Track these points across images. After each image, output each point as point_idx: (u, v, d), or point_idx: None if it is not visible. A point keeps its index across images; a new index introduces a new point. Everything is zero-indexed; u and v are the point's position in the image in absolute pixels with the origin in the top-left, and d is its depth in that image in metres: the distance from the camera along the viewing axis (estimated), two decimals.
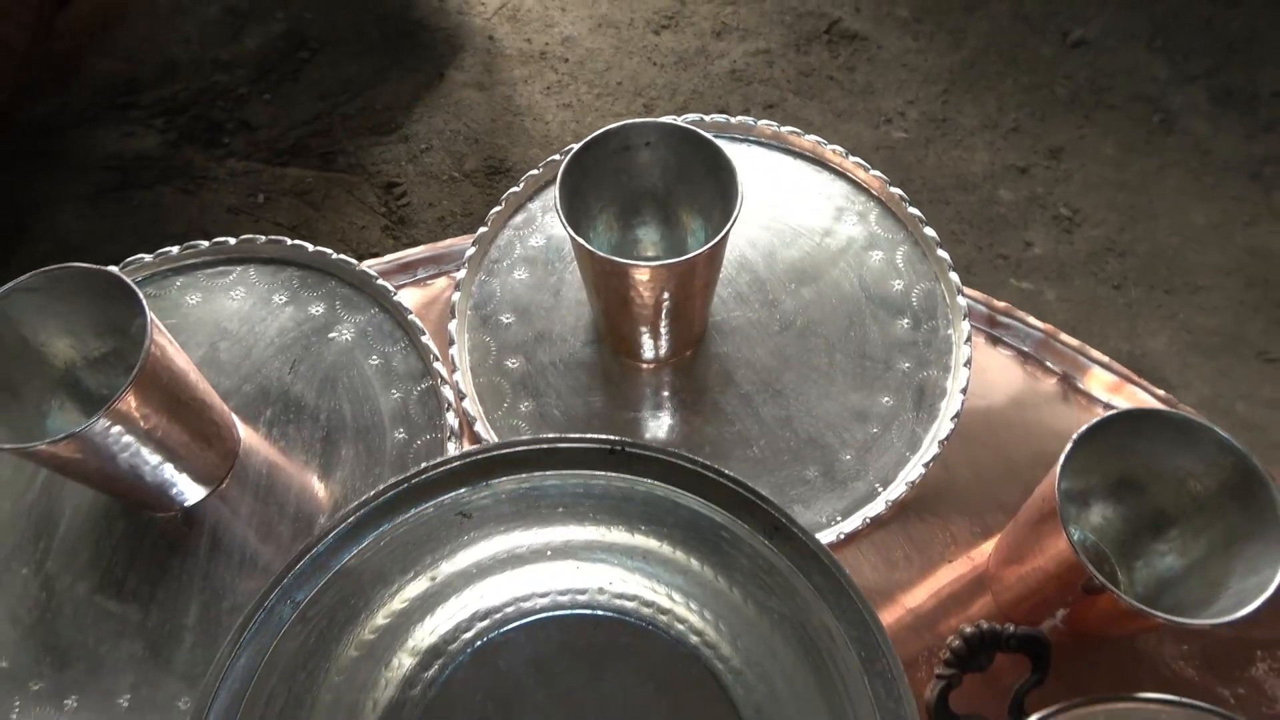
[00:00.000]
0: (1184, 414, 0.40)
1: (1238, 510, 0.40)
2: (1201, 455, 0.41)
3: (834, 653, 0.40)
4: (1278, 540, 0.38)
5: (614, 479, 0.43)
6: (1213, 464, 0.40)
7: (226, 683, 0.38)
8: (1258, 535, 0.39)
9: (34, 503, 0.51)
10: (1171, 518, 0.43)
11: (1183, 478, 0.42)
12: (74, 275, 0.44)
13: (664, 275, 0.46)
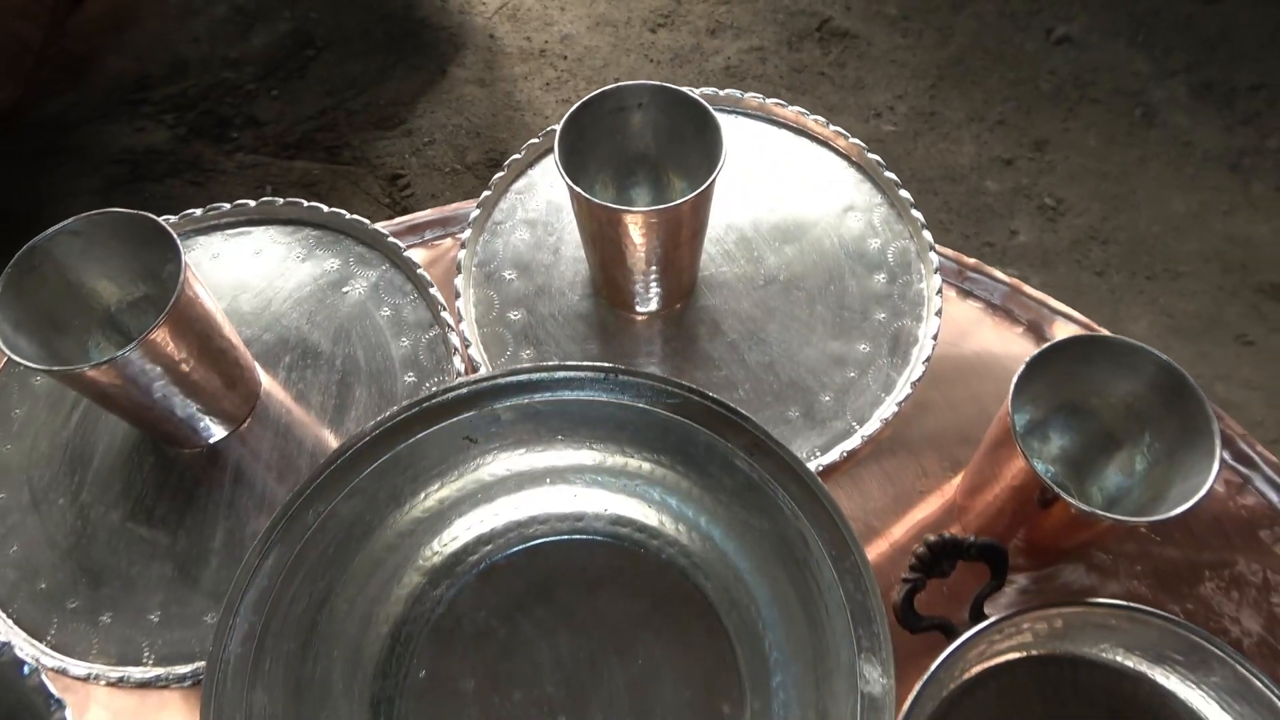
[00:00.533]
0: (1125, 339, 0.44)
1: (1176, 425, 0.44)
2: (1143, 376, 0.44)
3: (809, 559, 0.43)
4: (1208, 450, 0.41)
5: (609, 405, 0.46)
6: (1153, 384, 0.44)
7: (256, 580, 0.41)
8: (1193, 445, 0.42)
9: (69, 440, 0.55)
10: (1119, 439, 0.47)
11: (1128, 400, 0.46)
12: (115, 219, 0.47)
13: (653, 221, 0.50)
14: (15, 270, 0.46)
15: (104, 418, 0.56)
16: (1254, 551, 0.52)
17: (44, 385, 0.57)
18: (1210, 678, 0.45)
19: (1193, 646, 0.45)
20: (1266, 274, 1.44)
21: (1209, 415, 0.42)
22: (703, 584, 0.50)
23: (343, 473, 0.44)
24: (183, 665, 0.48)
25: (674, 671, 0.48)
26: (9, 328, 0.45)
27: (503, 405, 0.46)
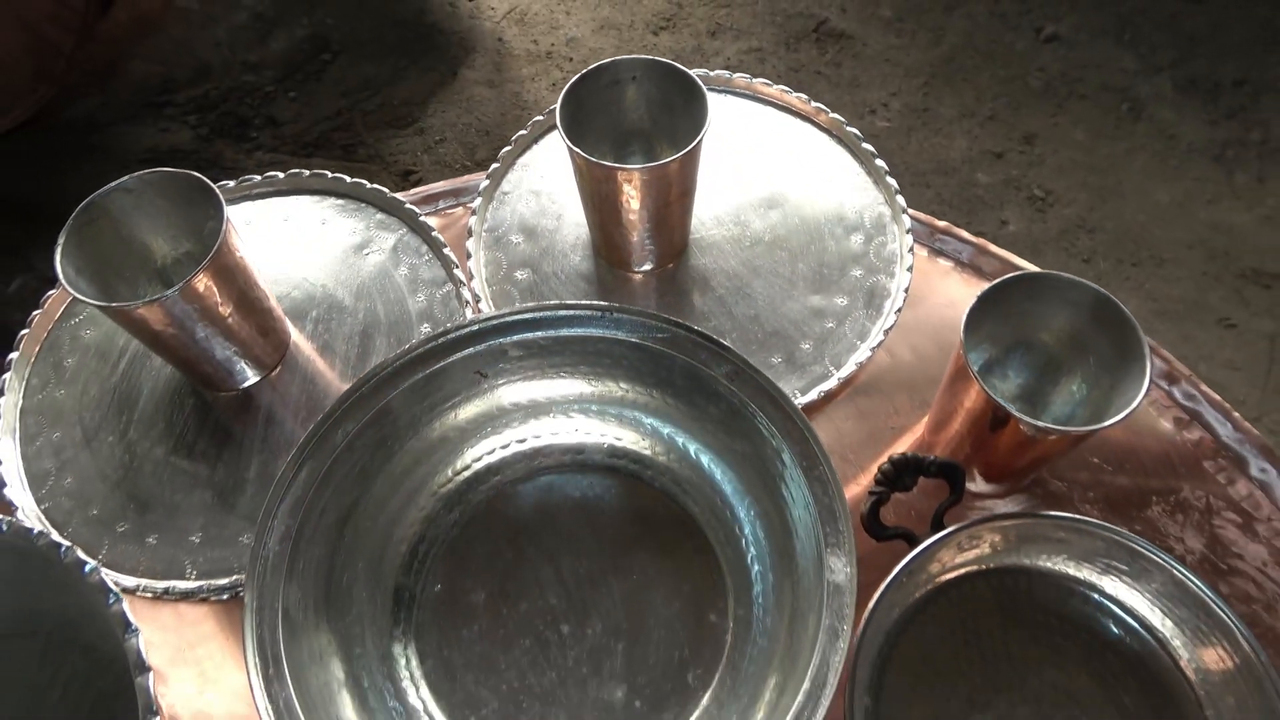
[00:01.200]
0: (1066, 275, 0.49)
1: (1113, 352, 0.48)
2: (1083, 309, 0.49)
3: (784, 475, 0.48)
4: (1141, 371, 0.46)
5: (604, 340, 0.51)
6: (1093, 316, 0.49)
7: (291, 489, 0.46)
8: (1128, 369, 0.47)
9: (116, 385, 0.60)
10: (1066, 369, 0.52)
11: (1071, 332, 0.50)
12: (164, 178, 0.53)
13: (644, 179, 0.55)
14: (75, 223, 0.51)
15: (148, 365, 0.61)
16: (1198, 480, 0.57)
17: (93, 337, 0.62)
18: (1151, 585, 0.50)
19: (1134, 555, 0.50)
20: (1249, 260, 1.48)
21: (1141, 340, 0.47)
22: (691, 508, 0.55)
23: (367, 399, 0.49)
24: (221, 578, 0.53)
25: (665, 586, 0.53)
26: (72, 272, 0.50)
27: (509, 341, 0.51)
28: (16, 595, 0.50)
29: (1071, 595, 0.52)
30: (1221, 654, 0.48)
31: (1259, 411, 1.34)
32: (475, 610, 0.52)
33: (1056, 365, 0.52)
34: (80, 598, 0.47)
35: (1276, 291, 1.44)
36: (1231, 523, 0.55)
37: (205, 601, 0.54)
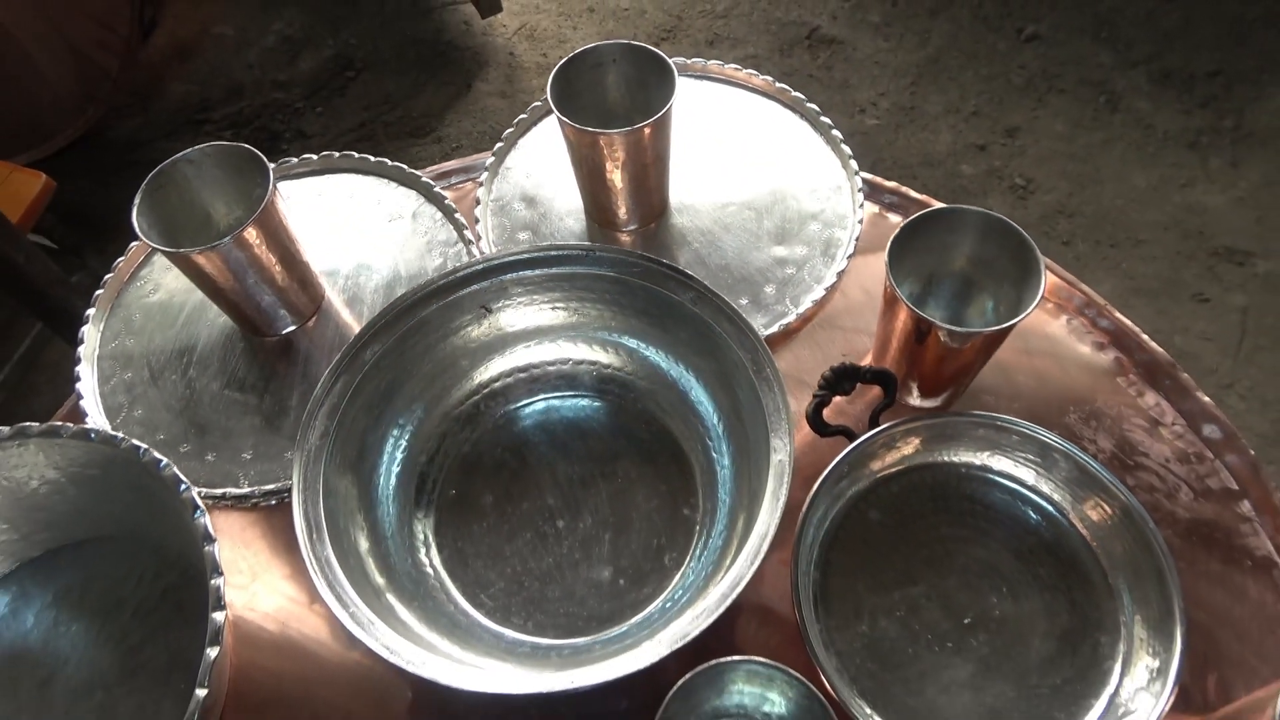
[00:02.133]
0: (976, 208, 0.57)
1: (1017, 271, 0.56)
2: (991, 236, 0.57)
3: (740, 381, 0.56)
4: (1037, 282, 0.54)
5: (589, 276, 0.60)
6: (999, 243, 0.57)
7: (329, 397, 0.55)
8: (1028, 283, 0.55)
9: (178, 334, 0.70)
10: (979, 290, 0.60)
11: (983, 257, 0.59)
12: (220, 149, 0.63)
13: (623, 141, 0.64)
14: (148, 188, 0.61)
15: (204, 318, 0.71)
16: (1111, 393, 0.65)
17: (156, 297, 0.72)
18: (1059, 473, 0.58)
19: (1045, 448, 0.57)
20: (1222, 239, 1.54)
21: (1038, 258, 0.55)
22: (667, 422, 0.63)
23: (391, 325, 0.58)
24: (269, 485, 0.62)
25: (645, 486, 0.62)
26: (146, 225, 0.60)
27: (509, 278, 0.60)
28: (101, 503, 0.60)
29: (993, 485, 0.60)
30: (1118, 529, 0.55)
31: (1231, 379, 1.40)
32: (484, 510, 0.61)
33: (972, 288, 0.60)
34: (155, 498, 0.56)
35: (1248, 268, 1.51)
36: (1139, 427, 0.63)
37: (255, 508, 0.63)
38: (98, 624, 0.60)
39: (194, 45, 1.98)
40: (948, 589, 0.57)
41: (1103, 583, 0.56)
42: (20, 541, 0.61)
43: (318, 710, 0.57)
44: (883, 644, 0.55)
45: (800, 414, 0.58)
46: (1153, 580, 0.53)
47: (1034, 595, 0.56)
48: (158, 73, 1.94)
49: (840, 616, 0.56)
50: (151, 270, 0.74)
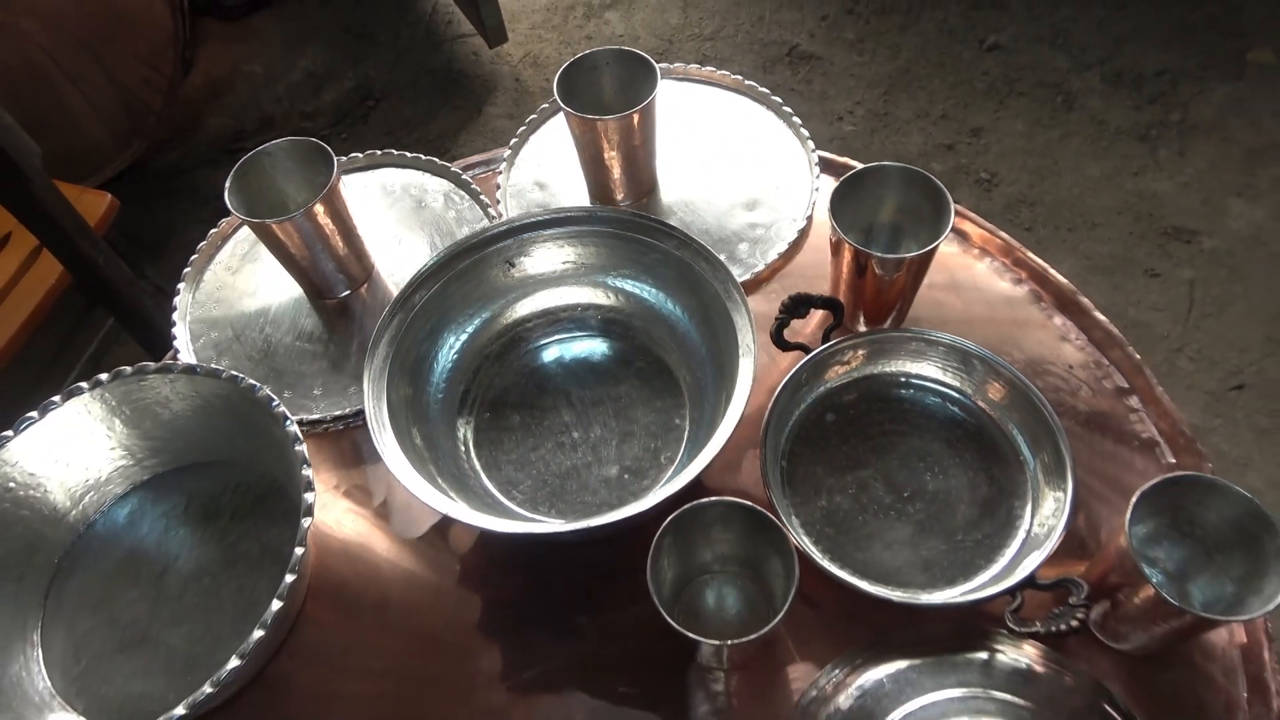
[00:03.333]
0: (904, 165, 0.71)
1: (933, 213, 0.70)
2: (913, 187, 0.71)
3: (716, 307, 0.69)
4: (948, 217, 0.67)
5: (593, 232, 0.74)
6: (923, 195, 0.70)
7: (387, 330, 0.69)
8: (940, 221, 0.68)
9: (254, 300, 0.84)
10: (906, 235, 0.73)
11: (908, 209, 0.72)
12: (292, 143, 0.77)
13: (615, 125, 0.77)
14: (236, 173, 0.76)
15: (276, 287, 0.85)
16: (1026, 317, 0.78)
17: (235, 272, 0.86)
18: (976, 375, 0.70)
19: (966, 356, 0.70)
20: (1171, 219, 1.68)
21: (948, 199, 0.68)
22: (660, 351, 0.77)
23: (435, 273, 0.71)
24: (337, 411, 0.75)
25: (644, 404, 0.75)
26: (236, 203, 0.74)
27: (527, 237, 0.74)
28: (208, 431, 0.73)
29: (925, 388, 0.72)
30: (1025, 415, 0.68)
31: (1181, 343, 1.53)
32: (513, 426, 0.75)
33: (901, 234, 0.74)
34: (259, 428, 0.69)
35: (1195, 245, 1.64)
36: (1048, 342, 0.76)
37: (325, 433, 0.76)
38: (201, 527, 0.73)
39: (227, 82, 2.15)
40: (890, 470, 0.70)
41: (1014, 459, 0.69)
42: (134, 467, 0.74)
43: (380, 592, 0.70)
44: (838, 514, 0.68)
45: (766, 336, 0.71)
46: (1048, 441, 0.65)
47: (960, 473, 0.69)
48: (195, 108, 2.10)
49: (803, 495, 0.69)
50: (230, 248, 0.88)
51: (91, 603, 0.70)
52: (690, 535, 0.61)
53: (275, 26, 2.27)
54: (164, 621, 0.69)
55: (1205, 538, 0.59)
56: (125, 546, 0.73)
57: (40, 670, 0.68)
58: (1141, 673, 0.62)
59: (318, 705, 0.66)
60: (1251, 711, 0.60)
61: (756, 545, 0.61)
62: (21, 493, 0.68)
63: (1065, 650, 0.62)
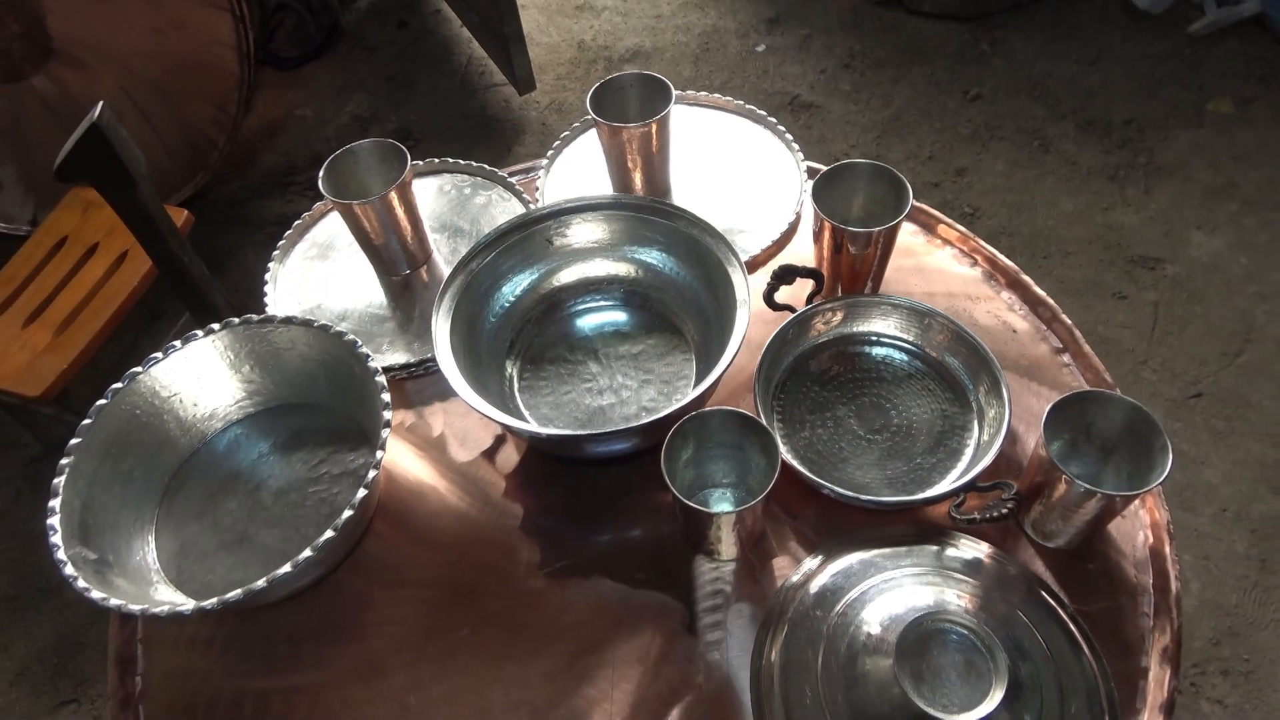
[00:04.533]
0: (868, 161, 0.86)
1: (897, 201, 0.85)
2: (880, 181, 0.86)
3: (719, 274, 0.84)
4: (907, 200, 0.83)
5: (618, 216, 0.89)
6: (887, 185, 0.86)
7: (448, 291, 0.84)
8: (901, 206, 0.83)
9: (333, 277, 0.99)
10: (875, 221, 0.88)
11: (876, 195, 0.87)
12: (373, 143, 0.93)
13: (636, 133, 0.94)
14: (329, 166, 0.92)
15: (350, 265, 1.00)
16: (979, 291, 0.92)
17: (317, 261, 1.02)
18: (931, 332, 0.85)
19: (922, 314, 0.85)
20: (1137, 249, 1.83)
21: (907, 188, 0.84)
22: (669, 314, 0.91)
23: (489, 246, 0.87)
24: (402, 360, 0.90)
25: (659, 357, 0.89)
26: (328, 189, 0.90)
27: (565, 218, 0.89)
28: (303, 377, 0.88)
29: (891, 343, 0.87)
30: (968, 357, 0.82)
31: (1145, 356, 1.66)
32: (549, 376, 0.89)
33: (871, 220, 0.89)
34: (352, 376, 0.84)
35: (1158, 271, 1.79)
36: (996, 311, 0.90)
37: (391, 380, 0.91)
38: (292, 453, 0.87)
39: (281, 124, 2.36)
40: (862, 408, 0.84)
41: (962, 395, 0.83)
42: (244, 401, 0.89)
43: (437, 507, 0.83)
44: (817, 443, 0.82)
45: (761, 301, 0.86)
46: (986, 374, 0.80)
47: (918, 410, 0.83)
48: (252, 146, 2.30)
49: (789, 427, 0.83)
50: (313, 235, 1.04)
51: (197, 510, 0.84)
52: (697, 440, 0.75)
53: (325, 76, 2.49)
54: (258, 525, 0.83)
55: (1105, 444, 0.72)
56: (228, 466, 0.87)
57: (155, 562, 0.81)
58: (1068, 565, 0.74)
59: (384, 594, 0.79)
60: (1154, 595, 0.73)
61: (749, 453, 0.75)
62: (160, 405, 0.83)
63: (1006, 549, 0.75)
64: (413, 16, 2.63)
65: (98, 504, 0.79)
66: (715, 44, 2.44)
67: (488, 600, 0.77)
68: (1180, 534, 1.44)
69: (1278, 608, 1.35)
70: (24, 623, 1.58)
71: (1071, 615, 0.70)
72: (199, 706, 0.74)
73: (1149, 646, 0.70)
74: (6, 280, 1.59)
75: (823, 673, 0.67)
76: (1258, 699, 1.28)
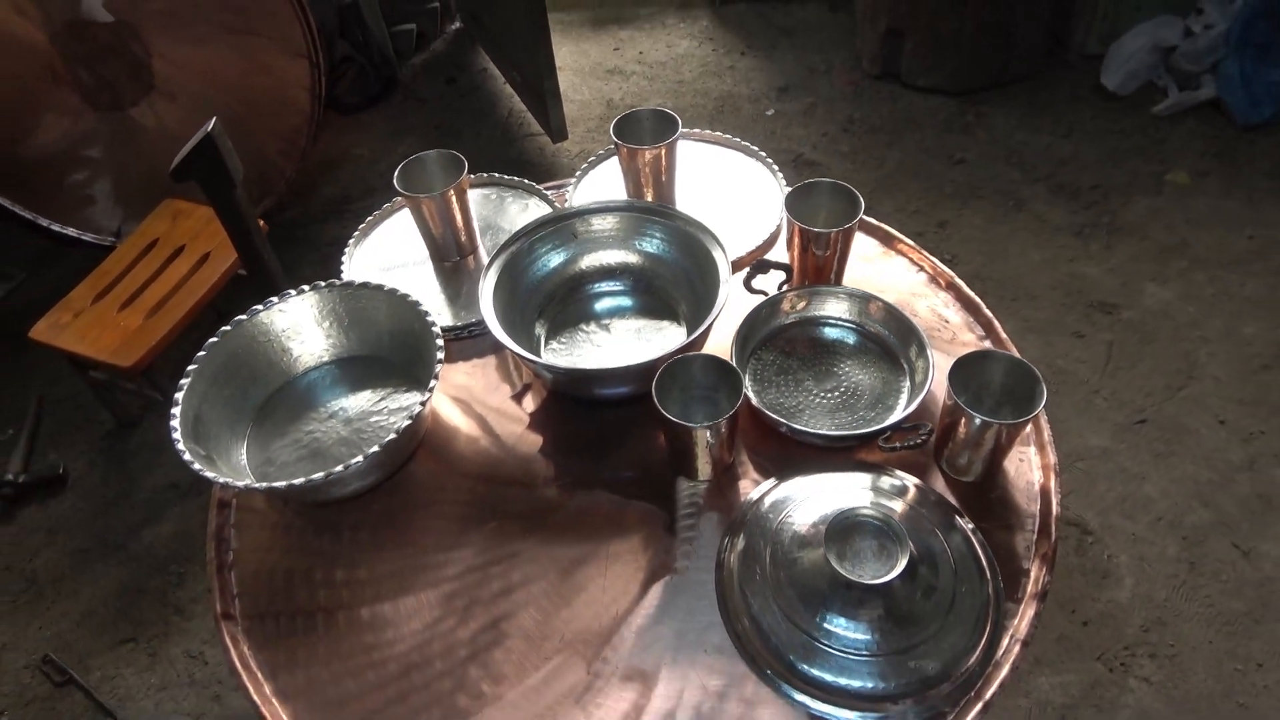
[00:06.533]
0: (829, 180, 1.07)
1: (850, 209, 1.05)
2: (839, 196, 1.07)
3: (708, 262, 1.05)
4: (858, 209, 1.03)
5: (630, 217, 1.10)
6: (847, 199, 1.06)
7: (491, 266, 1.04)
8: (855, 212, 1.04)
9: (397, 260, 1.21)
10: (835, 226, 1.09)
11: (836, 209, 1.08)
12: (437, 153, 1.16)
13: (648, 155, 1.15)
14: (402, 169, 1.14)
15: (409, 253, 1.22)
16: (922, 291, 1.12)
17: (385, 245, 1.24)
18: (877, 313, 1.04)
19: (865, 299, 1.04)
20: (1096, 295, 2.02)
21: (859, 200, 1.04)
22: (668, 297, 1.11)
23: (526, 234, 1.07)
24: (451, 323, 1.11)
25: (656, 328, 1.09)
26: (401, 186, 1.12)
27: (586, 216, 1.10)
28: (373, 331, 1.08)
29: (844, 324, 1.06)
30: (900, 329, 1.01)
31: (1098, 387, 1.84)
32: (567, 341, 1.09)
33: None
34: (413, 332, 1.04)
35: (1114, 315, 1.98)
36: (935, 307, 1.10)
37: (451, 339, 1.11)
38: (357, 392, 1.07)
39: (340, 160, 2.63)
40: (818, 374, 1.03)
41: (896, 362, 1.02)
42: (327, 348, 1.09)
43: (472, 446, 1.03)
44: (781, 398, 1.01)
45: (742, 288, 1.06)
46: (915, 341, 0.99)
47: (864, 377, 1.02)
48: (313, 177, 2.56)
49: (760, 384, 1.02)
50: (383, 227, 1.26)
51: (281, 431, 1.04)
52: (682, 381, 0.94)
53: (381, 122, 2.77)
54: (329, 443, 1.02)
55: (1000, 395, 0.91)
56: (307, 399, 1.07)
57: (247, 467, 1.01)
58: (975, 493, 0.92)
59: (427, 500, 0.98)
60: (1039, 518, 0.90)
61: (721, 397, 0.94)
62: (257, 346, 1.03)
63: (927, 482, 0.93)
64: (461, 74, 2.92)
65: (205, 417, 0.99)
66: (729, 107, 2.70)
67: (511, 504, 0.96)
68: (1118, 537, 1.60)
69: (1203, 603, 1.50)
70: (92, 573, 1.77)
71: (973, 529, 0.88)
72: (278, 571, 0.93)
73: (1032, 554, 0.88)
74: (105, 273, 1.82)
75: (769, 558, 0.85)
76: (1180, 679, 1.42)
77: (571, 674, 0.83)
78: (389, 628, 0.88)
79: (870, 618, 0.79)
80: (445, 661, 0.85)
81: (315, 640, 0.88)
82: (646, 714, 0.80)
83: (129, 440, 1.98)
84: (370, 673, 0.85)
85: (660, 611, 0.86)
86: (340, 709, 0.83)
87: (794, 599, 0.82)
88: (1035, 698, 1.41)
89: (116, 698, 1.61)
